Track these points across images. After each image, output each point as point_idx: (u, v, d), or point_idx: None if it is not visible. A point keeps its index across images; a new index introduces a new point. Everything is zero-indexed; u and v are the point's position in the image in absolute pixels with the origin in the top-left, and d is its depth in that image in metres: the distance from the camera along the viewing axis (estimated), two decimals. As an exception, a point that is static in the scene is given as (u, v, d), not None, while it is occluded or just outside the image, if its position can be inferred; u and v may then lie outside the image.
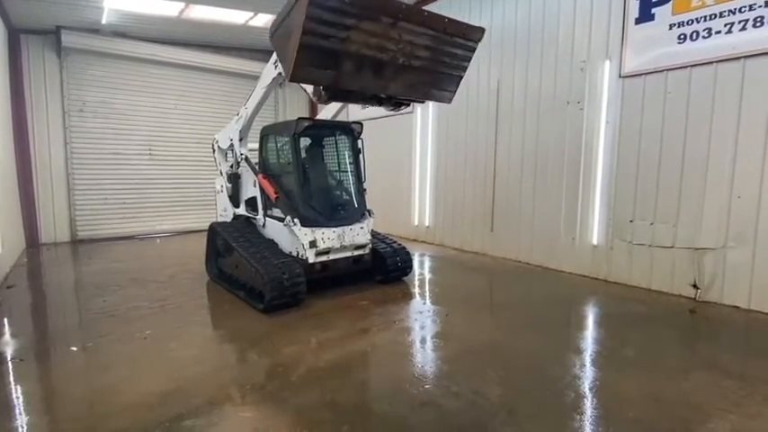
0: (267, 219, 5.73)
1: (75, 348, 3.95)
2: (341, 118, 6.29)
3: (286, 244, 5.42)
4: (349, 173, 5.92)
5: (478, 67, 7.70)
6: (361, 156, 5.91)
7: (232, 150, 6.19)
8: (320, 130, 5.81)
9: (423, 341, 4.20)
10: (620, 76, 5.79)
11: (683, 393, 3.13)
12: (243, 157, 5.93)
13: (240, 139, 5.98)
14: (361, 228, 5.61)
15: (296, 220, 5.10)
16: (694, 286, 5.18)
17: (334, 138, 5.90)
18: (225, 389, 3.19)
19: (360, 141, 5.87)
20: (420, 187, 9.23)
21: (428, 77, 4.93)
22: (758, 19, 4.68)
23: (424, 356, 3.86)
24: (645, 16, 5.54)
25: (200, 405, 2.95)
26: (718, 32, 4.94)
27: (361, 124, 5.87)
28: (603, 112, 6.00)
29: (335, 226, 5.36)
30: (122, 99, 9.85)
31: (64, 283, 6.43)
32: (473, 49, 5.07)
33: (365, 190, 6.00)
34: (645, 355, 3.77)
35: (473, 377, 3.37)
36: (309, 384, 3.27)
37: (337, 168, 5.96)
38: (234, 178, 6.28)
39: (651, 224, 5.57)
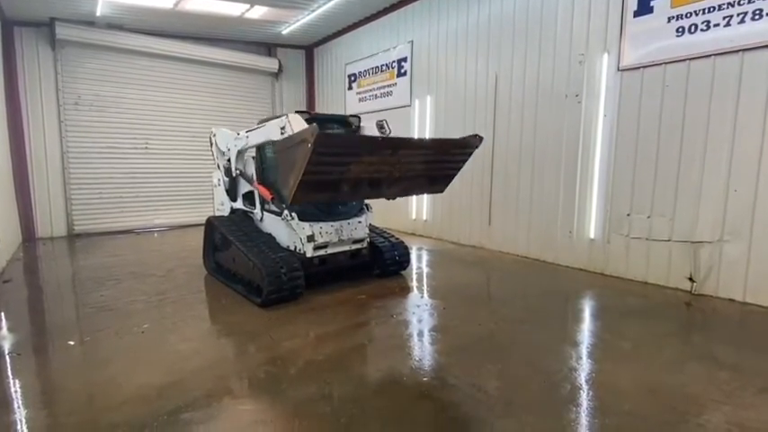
0: (265, 213, 5.70)
1: (72, 342, 3.95)
2: (339, 111, 6.25)
3: (284, 238, 5.40)
4: None
5: (477, 60, 7.68)
6: None
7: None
8: (317, 124, 5.74)
9: (420, 334, 4.22)
10: (618, 70, 5.77)
11: (678, 385, 3.15)
12: (238, 171, 5.96)
13: (237, 155, 5.95)
14: (359, 222, 5.59)
15: (293, 214, 5.08)
16: (690, 279, 5.21)
17: (334, 130, 5.85)
18: (223, 382, 3.20)
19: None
20: (418, 181, 9.21)
21: (423, 181, 5.19)
22: (757, 12, 4.66)
23: (422, 350, 3.87)
24: (643, 9, 5.51)
25: (198, 398, 2.96)
26: (717, 25, 4.93)
27: (359, 117, 5.82)
28: (601, 105, 6.00)
29: (333, 220, 5.34)
30: (118, 92, 9.78)
31: (61, 278, 6.41)
32: (471, 153, 5.25)
33: None
34: (641, 348, 3.80)
35: (470, 370, 3.39)
36: (308, 377, 3.28)
37: None
38: (231, 172, 6.23)
39: (648, 218, 5.59)
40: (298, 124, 4.49)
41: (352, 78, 10.73)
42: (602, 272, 6.10)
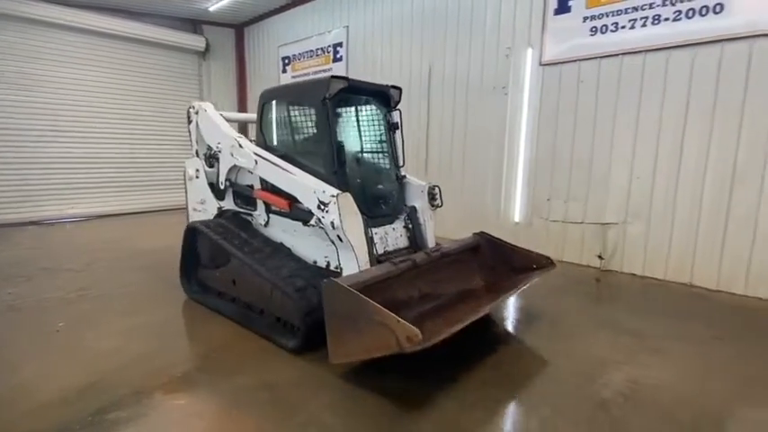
0: (272, 216, 4.35)
1: (-27, 347, 3.56)
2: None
3: (307, 250, 4.06)
4: (382, 154, 4.50)
5: (411, 49, 7.79)
6: (398, 132, 4.51)
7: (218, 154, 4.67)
8: (351, 95, 4.22)
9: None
10: (540, 64, 6.17)
11: (587, 350, 3.55)
12: (227, 183, 4.61)
13: (231, 168, 4.56)
14: (404, 227, 4.30)
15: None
16: (599, 257, 5.80)
17: (363, 107, 4.43)
18: (154, 378, 3.07)
19: (397, 112, 4.44)
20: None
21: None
22: (656, 17, 5.20)
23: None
24: (562, 8, 5.92)
25: (125, 396, 2.82)
26: (624, 27, 5.43)
27: (400, 89, 4.44)
28: (526, 97, 6.39)
29: (376, 225, 3.95)
30: (22, 68, 8.64)
31: (-46, 276, 5.68)
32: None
33: (404, 177, 4.53)
34: (557, 319, 4.21)
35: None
36: (246, 367, 3.24)
37: (368, 148, 4.50)
38: (218, 161, 4.69)
39: (565, 202, 6.11)
40: (347, 208, 3.44)
41: (286, 61, 10.42)
42: (526, 253, 6.58)
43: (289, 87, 4.51)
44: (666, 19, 5.13)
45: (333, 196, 3.44)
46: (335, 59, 9.25)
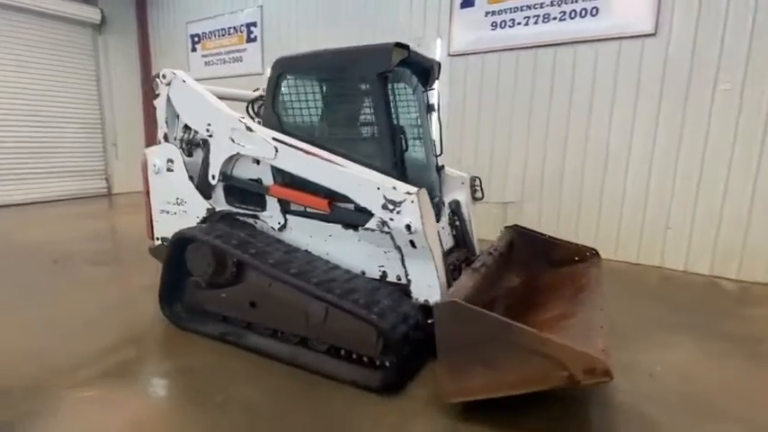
0: (291, 217, 3.50)
1: None
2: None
3: (350, 258, 3.30)
4: (419, 140, 3.84)
5: (327, 35, 7.79)
6: (435, 114, 4.00)
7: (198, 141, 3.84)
8: (399, 69, 3.42)
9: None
10: (448, 54, 6.56)
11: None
12: (220, 178, 3.63)
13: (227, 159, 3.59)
14: (449, 225, 3.93)
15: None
16: (502, 233, 6.43)
17: (396, 84, 3.62)
18: (54, 375, 2.90)
19: (435, 92, 3.93)
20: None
21: None
22: (546, 16, 5.79)
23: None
24: (467, 2, 6.32)
25: (22, 393, 2.68)
26: (519, 24, 5.97)
27: (440, 64, 3.92)
28: (436, 87, 6.72)
29: None
30: None
31: None
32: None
33: (442, 167, 4.12)
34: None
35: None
36: (162, 354, 3.23)
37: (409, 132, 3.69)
38: (203, 148, 3.75)
39: (472, 184, 6.65)
40: (427, 207, 2.89)
41: (196, 39, 9.85)
42: (440, 232, 7.07)
43: (320, 56, 3.55)
44: (554, 18, 5.74)
45: (409, 194, 2.85)
46: (249, 39, 8.96)
